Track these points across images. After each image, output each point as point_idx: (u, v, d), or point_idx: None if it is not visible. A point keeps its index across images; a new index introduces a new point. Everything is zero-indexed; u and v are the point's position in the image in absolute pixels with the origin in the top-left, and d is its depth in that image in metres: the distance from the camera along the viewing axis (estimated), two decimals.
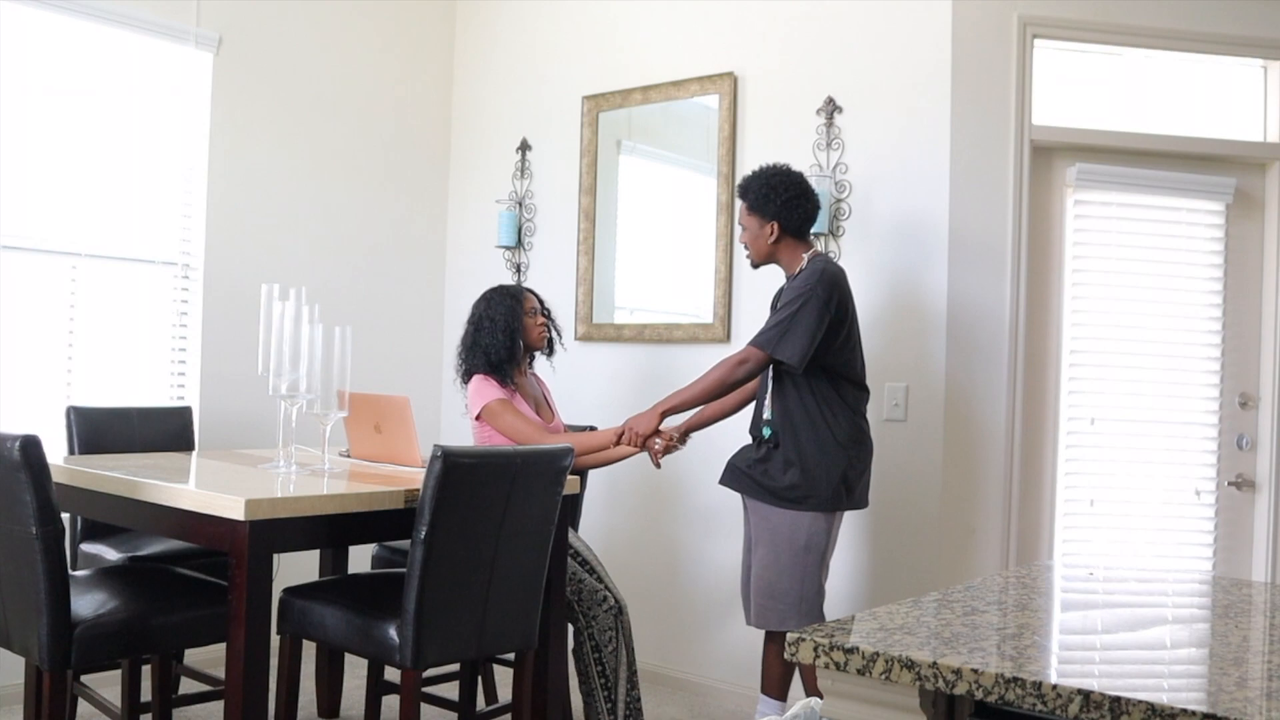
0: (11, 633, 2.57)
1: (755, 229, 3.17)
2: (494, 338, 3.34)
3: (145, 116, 4.02)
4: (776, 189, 3.12)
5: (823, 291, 3.00)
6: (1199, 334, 3.73)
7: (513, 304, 3.38)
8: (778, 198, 3.11)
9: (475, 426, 3.35)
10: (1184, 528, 3.70)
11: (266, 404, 3.18)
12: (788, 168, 3.18)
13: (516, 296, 3.41)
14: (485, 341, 3.35)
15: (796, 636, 1.39)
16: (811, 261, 3.13)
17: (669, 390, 4.24)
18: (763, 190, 3.12)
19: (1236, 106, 3.81)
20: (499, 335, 3.34)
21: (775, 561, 3.07)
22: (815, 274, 3.04)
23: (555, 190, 4.63)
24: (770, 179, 3.13)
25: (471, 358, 3.38)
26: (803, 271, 3.12)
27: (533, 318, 3.42)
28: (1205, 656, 1.45)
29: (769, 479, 3.09)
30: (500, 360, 3.33)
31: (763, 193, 3.12)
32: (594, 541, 4.28)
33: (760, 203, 3.13)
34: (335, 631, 2.69)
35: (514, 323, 3.35)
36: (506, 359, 3.34)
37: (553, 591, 2.96)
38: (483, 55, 4.94)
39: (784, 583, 3.06)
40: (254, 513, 2.39)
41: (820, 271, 3.05)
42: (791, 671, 3.27)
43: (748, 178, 3.19)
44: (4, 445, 2.41)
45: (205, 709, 3.58)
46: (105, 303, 3.93)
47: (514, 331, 3.35)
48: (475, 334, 3.39)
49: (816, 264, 3.11)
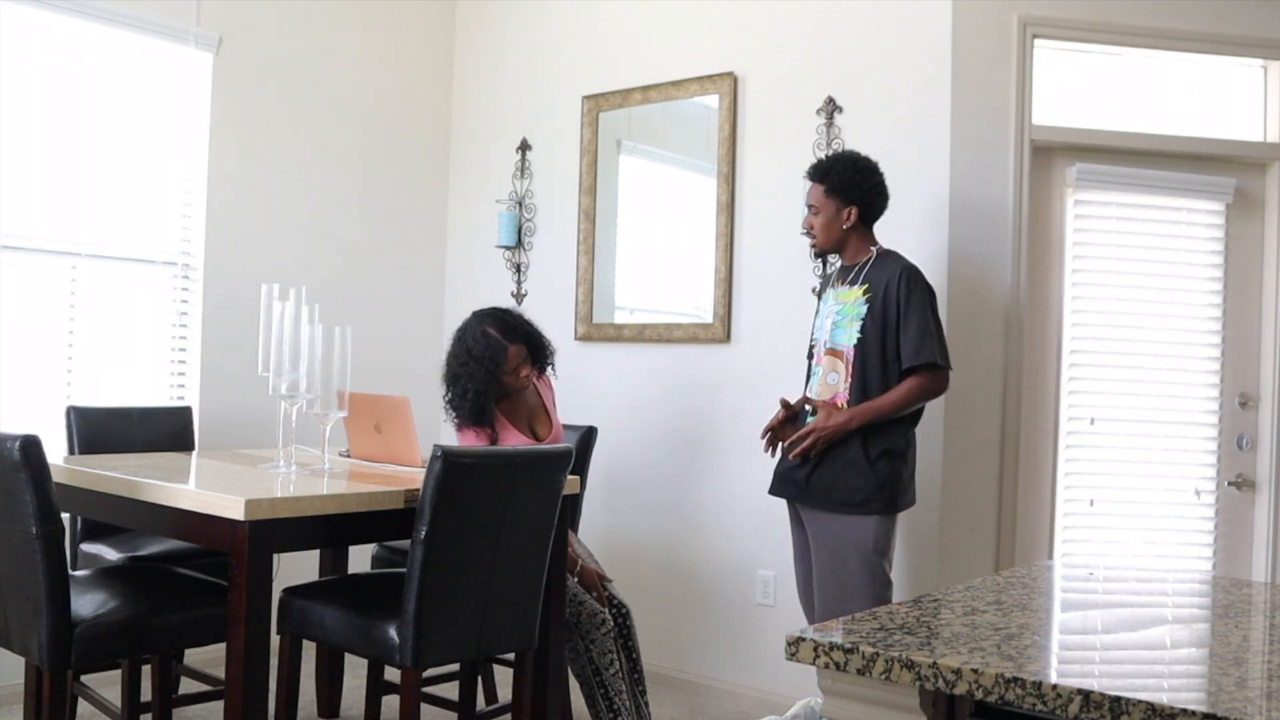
0: (11, 633, 2.57)
1: (832, 212, 3.12)
2: (462, 404, 3.20)
3: (145, 116, 4.02)
4: (864, 173, 3.10)
5: (930, 287, 3.06)
6: (1199, 334, 3.73)
7: (490, 368, 3.19)
8: (865, 182, 3.10)
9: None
10: (1184, 528, 3.70)
11: (266, 404, 3.18)
12: (868, 157, 3.17)
13: (495, 361, 3.19)
14: (457, 403, 3.22)
15: (797, 636, 1.39)
16: (889, 254, 3.13)
17: (668, 390, 4.26)
18: (848, 173, 3.09)
19: (1236, 106, 3.81)
20: (466, 405, 3.19)
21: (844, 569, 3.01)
22: (910, 271, 3.04)
23: (555, 190, 4.63)
24: (856, 163, 3.11)
25: (450, 404, 3.27)
26: (884, 262, 3.09)
27: (513, 374, 3.26)
28: (1205, 656, 1.45)
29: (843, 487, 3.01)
30: (468, 421, 3.22)
31: (848, 175, 3.09)
32: (593, 542, 4.28)
33: (845, 186, 3.09)
34: (335, 631, 2.69)
35: (487, 390, 3.19)
36: (473, 422, 3.21)
37: (553, 591, 2.96)
38: (483, 55, 4.94)
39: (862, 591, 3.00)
40: (254, 513, 2.39)
41: (912, 269, 3.06)
42: None
43: (829, 160, 3.16)
44: (4, 445, 2.42)
45: (205, 709, 3.58)
46: (105, 303, 3.93)
47: (484, 402, 3.19)
48: (451, 387, 3.25)
49: (898, 258, 3.10)
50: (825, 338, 3.15)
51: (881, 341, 3.03)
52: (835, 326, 3.11)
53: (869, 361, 3.03)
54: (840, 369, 3.07)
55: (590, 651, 3.15)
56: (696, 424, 4.16)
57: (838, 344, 3.10)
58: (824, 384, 3.11)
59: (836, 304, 3.15)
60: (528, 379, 3.34)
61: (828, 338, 3.14)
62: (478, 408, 3.19)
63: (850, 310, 3.09)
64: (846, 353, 3.07)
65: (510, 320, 3.30)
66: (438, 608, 2.54)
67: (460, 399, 3.21)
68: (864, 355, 3.04)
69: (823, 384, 3.12)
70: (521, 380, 3.31)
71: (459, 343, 3.28)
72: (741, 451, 3.98)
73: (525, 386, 3.35)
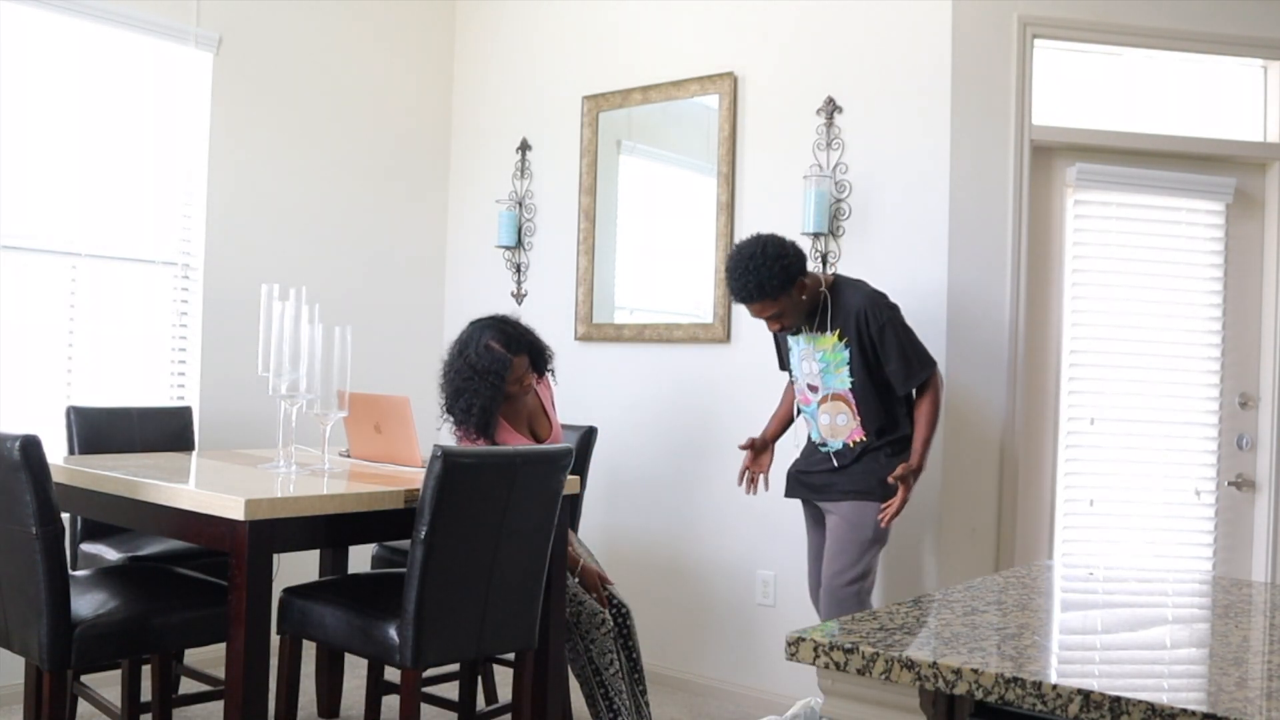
0: (11, 633, 2.57)
1: (791, 304, 3.12)
2: (467, 417, 3.16)
3: (145, 116, 4.02)
4: (783, 256, 3.06)
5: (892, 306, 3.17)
6: (1199, 334, 3.73)
7: (495, 382, 3.14)
8: (790, 260, 3.07)
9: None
10: (1184, 528, 3.70)
11: (266, 404, 3.18)
12: (755, 237, 3.13)
13: (499, 376, 3.14)
14: (459, 417, 3.19)
15: (797, 636, 1.39)
16: (836, 285, 3.21)
17: (668, 390, 4.26)
18: (775, 270, 3.04)
19: (1236, 106, 3.81)
20: (473, 419, 3.15)
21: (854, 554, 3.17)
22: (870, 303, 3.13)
23: (555, 190, 4.63)
24: (766, 254, 3.05)
25: (450, 412, 3.24)
26: (840, 298, 3.17)
27: (517, 384, 3.24)
28: (1205, 656, 1.45)
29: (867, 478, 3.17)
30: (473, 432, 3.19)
31: (777, 271, 3.04)
32: (593, 542, 4.28)
33: (784, 281, 3.06)
34: (335, 631, 2.69)
35: (492, 405, 3.15)
36: (479, 433, 3.18)
37: (553, 591, 2.96)
38: (483, 55, 4.93)
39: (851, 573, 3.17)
40: (254, 513, 2.39)
41: (870, 300, 3.14)
42: None
43: (750, 276, 3.05)
44: (4, 445, 2.42)
45: (205, 709, 3.58)
46: (105, 303, 3.93)
47: (489, 414, 3.15)
48: (453, 402, 3.20)
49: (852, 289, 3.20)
50: (818, 383, 3.24)
51: (869, 378, 3.17)
52: (824, 373, 3.21)
53: (866, 395, 3.17)
54: (846, 410, 3.20)
55: (590, 651, 3.15)
56: (696, 424, 4.16)
57: (833, 389, 3.21)
58: (834, 425, 3.23)
59: (816, 350, 3.22)
60: (529, 386, 3.34)
61: (820, 383, 3.24)
62: (484, 420, 3.16)
63: (832, 357, 3.20)
64: (845, 395, 3.20)
65: (511, 331, 3.26)
66: (438, 608, 2.54)
67: (465, 413, 3.17)
68: (858, 395, 3.18)
69: (833, 425, 3.23)
70: (525, 388, 3.31)
71: (460, 356, 3.21)
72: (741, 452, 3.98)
73: (527, 393, 3.35)
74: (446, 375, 3.25)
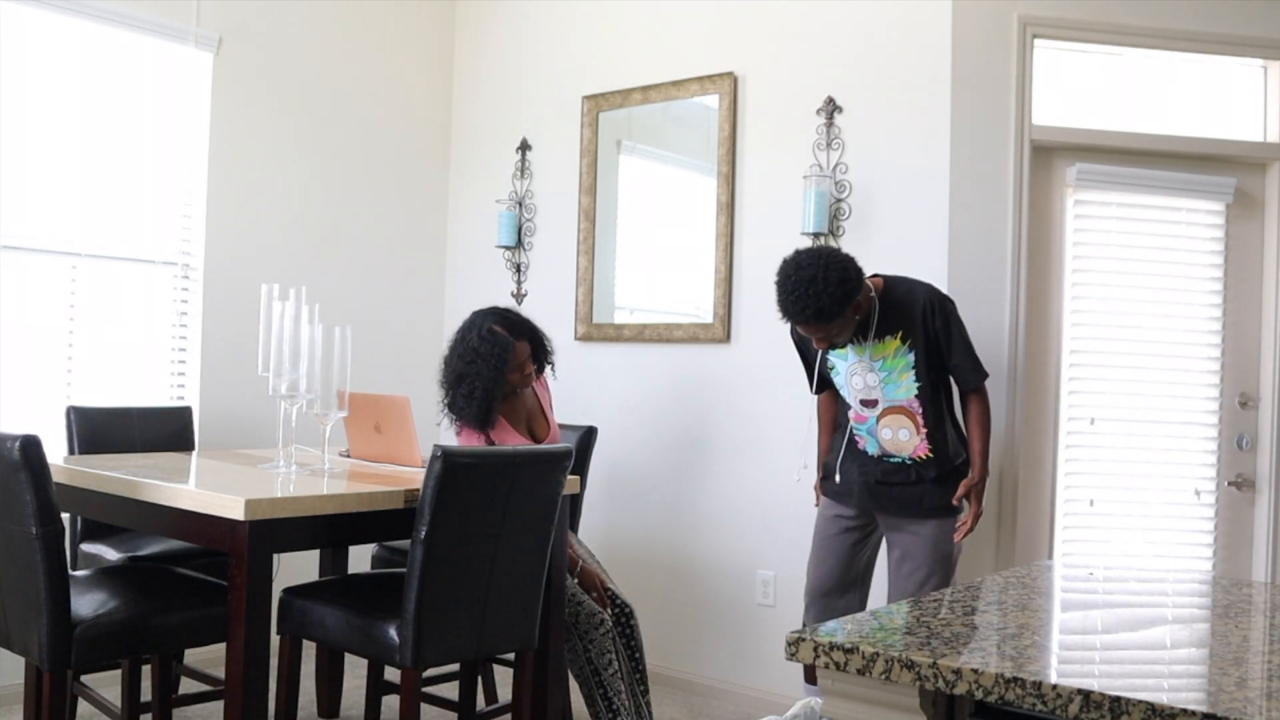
0: (11, 633, 2.57)
1: (846, 322, 2.94)
2: (469, 404, 3.16)
3: (145, 116, 4.02)
4: (843, 283, 2.87)
5: (949, 299, 3.08)
6: (1199, 334, 3.73)
7: (496, 369, 3.15)
8: (851, 284, 2.88)
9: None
10: (1184, 528, 3.70)
11: (266, 404, 3.18)
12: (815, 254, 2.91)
13: (502, 358, 3.16)
14: (461, 404, 3.19)
15: (797, 636, 1.39)
16: (888, 287, 3.07)
17: (668, 390, 4.26)
18: (839, 297, 2.85)
19: (1236, 106, 3.81)
20: (473, 405, 3.16)
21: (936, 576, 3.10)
22: (933, 298, 3.03)
23: (555, 190, 4.63)
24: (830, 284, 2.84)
25: (450, 404, 3.24)
26: (895, 299, 3.03)
27: (519, 371, 3.25)
28: (1205, 656, 1.45)
29: (942, 494, 3.10)
30: (475, 418, 3.19)
31: (840, 297, 2.86)
32: (593, 543, 4.28)
33: (845, 303, 2.88)
34: (335, 631, 2.69)
35: (494, 389, 3.16)
36: (479, 423, 3.18)
37: (553, 591, 2.96)
38: (483, 55, 4.94)
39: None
40: (254, 513, 2.39)
41: (933, 295, 3.04)
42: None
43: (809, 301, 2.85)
44: (4, 445, 2.42)
45: (205, 709, 3.58)
46: (105, 303, 3.93)
47: (491, 398, 3.16)
48: (454, 389, 3.20)
49: (906, 287, 3.06)
50: (877, 396, 3.07)
51: (935, 382, 3.06)
52: (885, 384, 3.05)
53: (929, 407, 3.04)
54: (909, 424, 3.06)
55: (589, 651, 3.15)
56: (696, 424, 4.16)
57: (897, 400, 3.05)
58: (897, 440, 3.08)
59: (874, 359, 3.05)
60: (529, 378, 3.33)
61: (880, 396, 3.07)
62: (485, 407, 3.16)
63: (895, 364, 3.03)
64: (909, 405, 3.05)
65: (514, 318, 3.30)
66: (438, 608, 2.54)
67: (466, 399, 3.17)
68: (925, 403, 3.03)
69: (895, 440, 3.08)
70: (525, 378, 3.30)
71: (462, 342, 3.24)
72: (742, 451, 3.98)
73: (527, 385, 3.35)
74: (448, 362, 3.26)
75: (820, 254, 2.91)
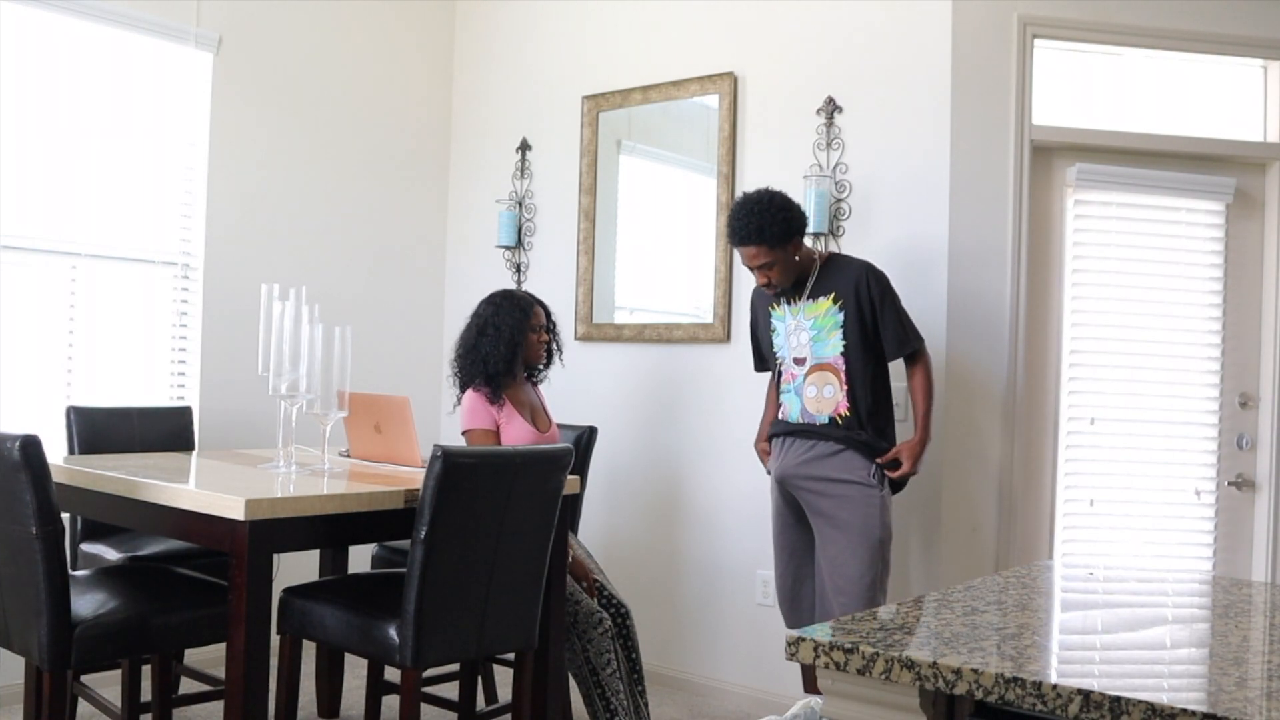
0: (11, 633, 2.57)
1: (784, 257, 3.18)
2: (495, 348, 3.28)
3: (145, 116, 4.02)
4: (784, 207, 3.16)
5: (886, 276, 3.22)
6: (1199, 334, 3.73)
7: (520, 316, 3.32)
8: (792, 215, 3.16)
9: (463, 438, 3.34)
10: (1184, 528, 3.70)
11: (266, 404, 3.18)
12: (764, 188, 3.21)
13: (525, 309, 3.35)
14: (486, 350, 3.29)
15: (796, 636, 1.39)
16: (832, 257, 3.32)
17: (669, 390, 4.26)
18: (778, 218, 3.13)
19: (1236, 106, 3.81)
20: (501, 347, 3.28)
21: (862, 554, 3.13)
22: (871, 270, 3.20)
23: (555, 190, 4.63)
24: (774, 203, 3.15)
25: (469, 364, 3.32)
26: (836, 266, 3.25)
27: (537, 334, 3.38)
28: (1205, 656, 1.45)
29: (852, 466, 3.17)
30: (497, 372, 3.28)
31: (779, 220, 3.13)
32: (593, 543, 4.28)
33: (784, 232, 3.14)
34: (335, 631, 2.69)
35: (518, 336, 3.31)
36: (504, 371, 3.29)
37: (553, 591, 2.96)
38: (483, 55, 4.94)
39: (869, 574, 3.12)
40: (254, 513, 2.39)
41: (871, 268, 3.21)
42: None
43: (746, 215, 3.14)
44: (4, 445, 2.41)
45: (205, 709, 3.58)
46: (105, 303, 3.93)
47: (516, 345, 3.31)
48: (477, 338, 3.33)
49: (848, 259, 3.30)
50: (807, 354, 3.26)
51: (862, 344, 3.18)
52: (814, 340, 3.22)
53: (854, 366, 3.18)
54: (834, 380, 3.21)
55: (587, 651, 3.16)
56: (697, 424, 4.16)
57: (823, 357, 3.23)
58: (820, 398, 3.22)
59: (806, 318, 3.25)
60: (543, 348, 3.43)
61: (809, 353, 3.25)
62: (510, 354, 3.29)
63: (825, 322, 3.21)
64: (835, 363, 3.21)
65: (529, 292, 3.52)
66: (438, 608, 2.54)
67: (493, 344, 3.28)
68: (849, 362, 3.18)
69: (819, 398, 3.23)
70: (540, 345, 3.40)
71: (485, 304, 3.39)
72: (741, 451, 3.98)
73: (540, 360, 3.43)
74: (467, 329, 3.39)
75: (769, 190, 3.20)
